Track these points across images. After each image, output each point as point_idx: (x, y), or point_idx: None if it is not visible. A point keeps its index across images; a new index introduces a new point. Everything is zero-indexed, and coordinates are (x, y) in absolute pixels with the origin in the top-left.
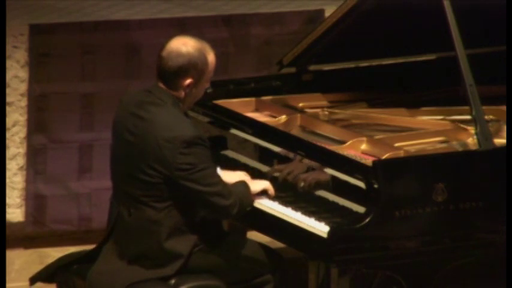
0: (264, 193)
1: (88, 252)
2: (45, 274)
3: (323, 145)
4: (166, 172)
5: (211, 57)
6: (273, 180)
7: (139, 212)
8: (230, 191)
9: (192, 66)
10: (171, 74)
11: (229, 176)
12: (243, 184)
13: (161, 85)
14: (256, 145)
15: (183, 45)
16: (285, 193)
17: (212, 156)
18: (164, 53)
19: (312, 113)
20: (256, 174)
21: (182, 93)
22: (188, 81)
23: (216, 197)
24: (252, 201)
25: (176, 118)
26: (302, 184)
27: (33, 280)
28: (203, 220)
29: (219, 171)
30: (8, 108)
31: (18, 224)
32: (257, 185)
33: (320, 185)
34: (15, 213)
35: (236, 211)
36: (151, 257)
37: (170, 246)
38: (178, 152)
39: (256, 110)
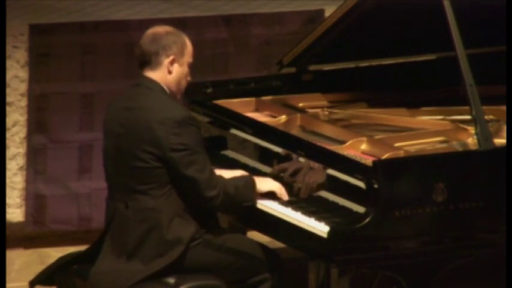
0: (272, 195)
1: (86, 251)
2: (45, 276)
3: (323, 145)
4: (160, 154)
5: (188, 41)
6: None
7: (137, 203)
8: (216, 183)
9: (172, 42)
10: (153, 53)
11: (229, 175)
12: (245, 179)
13: (146, 73)
14: (256, 145)
15: (159, 27)
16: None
17: (213, 157)
18: (142, 40)
19: (312, 113)
20: (256, 175)
21: (167, 73)
22: (171, 57)
23: (203, 184)
24: (252, 198)
25: (165, 102)
26: (303, 190)
27: (32, 283)
28: (201, 207)
29: (216, 171)
30: (8, 108)
31: (18, 224)
32: (265, 185)
33: (320, 187)
34: (15, 213)
35: (219, 203)
36: (151, 245)
37: (170, 232)
38: (172, 132)
39: (256, 110)
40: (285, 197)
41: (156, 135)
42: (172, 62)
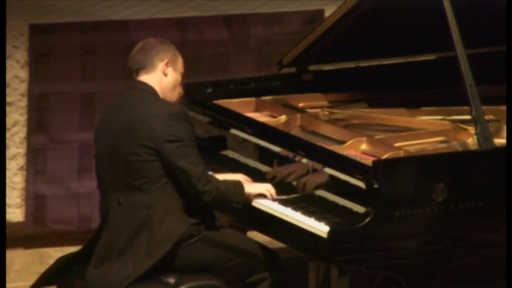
0: (263, 196)
1: (84, 250)
2: (45, 279)
3: (323, 145)
4: (155, 146)
5: (178, 53)
6: (273, 181)
7: (130, 198)
8: (210, 179)
9: (165, 49)
10: (148, 59)
11: (227, 178)
12: (234, 182)
13: (141, 78)
14: (256, 145)
15: (149, 39)
16: (286, 194)
17: (213, 157)
18: (134, 51)
19: (312, 113)
20: (256, 175)
21: (162, 76)
22: (166, 60)
23: (196, 178)
24: (242, 200)
25: (160, 100)
26: (301, 188)
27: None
28: (196, 204)
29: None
30: (8, 108)
31: (18, 224)
32: (253, 188)
33: (320, 186)
34: (15, 213)
35: (210, 200)
36: (142, 243)
37: (161, 230)
38: (166, 124)
39: (256, 110)
40: (274, 195)
41: (151, 127)
42: (167, 64)
